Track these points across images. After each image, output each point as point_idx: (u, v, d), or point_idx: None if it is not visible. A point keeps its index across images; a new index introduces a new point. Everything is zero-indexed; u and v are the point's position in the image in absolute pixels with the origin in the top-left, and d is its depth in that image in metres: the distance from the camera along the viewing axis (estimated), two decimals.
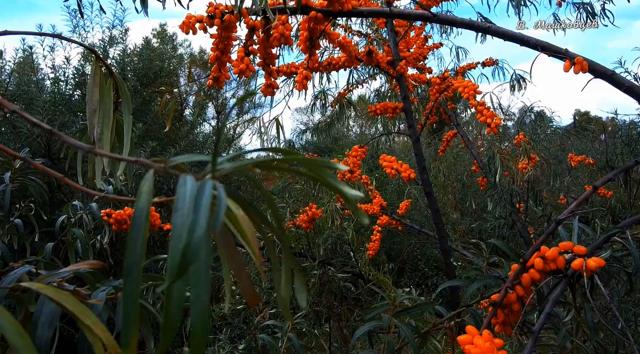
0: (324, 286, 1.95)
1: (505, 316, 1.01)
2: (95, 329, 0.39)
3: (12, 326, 0.32)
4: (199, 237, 0.26)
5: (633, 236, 0.96)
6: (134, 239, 0.28)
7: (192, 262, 0.26)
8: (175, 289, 0.26)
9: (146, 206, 0.30)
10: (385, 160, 1.93)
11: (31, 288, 0.43)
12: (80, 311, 0.40)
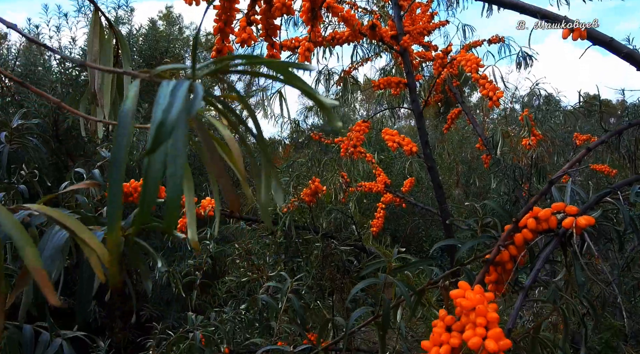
0: (326, 258, 1.99)
1: (498, 275, 1.04)
2: (90, 243, 0.42)
3: (20, 232, 0.35)
4: (173, 116, 0.29)
5: (624, 196, 0.98)
6: (120, 136, 0.31)
7: (166, 139, 0.29)
8: (153, 166, 0.29)
9: (131, 107, 0.32)
10: (387, 133, 1.95)
11: (32, 209, 0.46)
12: (77, 227, 0.43)
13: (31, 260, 0.34)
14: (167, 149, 0.29)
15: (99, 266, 0.42)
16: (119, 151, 0.31)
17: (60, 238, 0.54)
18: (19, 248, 0.35)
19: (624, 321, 2.33)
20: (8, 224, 0.35)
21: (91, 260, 0.41)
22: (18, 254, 0.38)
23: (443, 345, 0.87)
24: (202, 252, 2.32)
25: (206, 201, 2.01)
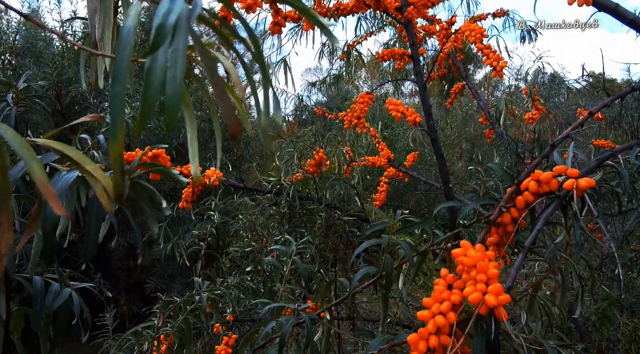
0: (329, 228, 2.01)
1: (500, 238, 1.06)
2: (95, 174, 0.43)
3: (26, 150, 0.37)
4: (173, 18, 0.31)
5: (625, 160, 1.00)
6: (121, 50, 0.33)
7: (166, 40, 0.30)
8: (154, 68, 0.31)
9: (132, 26, 0.34)
10: (391, 103, 1.96)
11: (38, 142, 0.48)
12: (82, 159, 0.44)
13: (37, 174, 0.36)
14: (168, 54, 0.30)
15: (103, 195, 0.44)
16: (120, 65, 0.32)
17: (68, 178, 0.56)
18: (26, 164, 0.36)
19: (621, 292, 2.37)
20: (16, 142, 0.37)
21: (96, 189, 0.43)
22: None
23: (444, 302, 0.89)
24: (207, 223, 2.35)
25: (210, 171, 2.03)
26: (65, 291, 0.75)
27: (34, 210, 0.63)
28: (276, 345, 0.94)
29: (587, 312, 2.51)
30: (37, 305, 0.74)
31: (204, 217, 2.32)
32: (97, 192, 0.43)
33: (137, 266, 5.40)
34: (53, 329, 0.76)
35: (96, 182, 0.43)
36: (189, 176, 2.01)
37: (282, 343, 0.92)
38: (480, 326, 0.89)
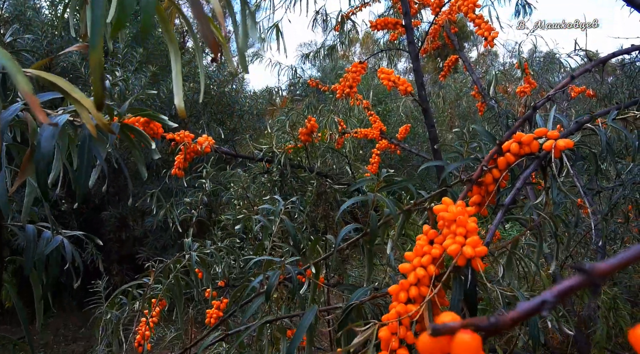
0: (320, 196, 2.05)
1: (482, 198, 1.10)
2: (82, 101, 0.45)
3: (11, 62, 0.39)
4: None
5: (603, 123, 1.02)
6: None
7: None
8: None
9: None
10: (383, 72, 1.97)
11: (27, 71, 0.49)
12: (69, 87, 0.46)
13: (22, 85, 0.38)
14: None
15: (90, 121, 0.46)
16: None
17: (59, 120, 0.58)
18: (11, 76, 0.38)
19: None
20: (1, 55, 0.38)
21: (82, 116, 0.45)
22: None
23: (425, 255, 0.93)
24: (198, 191, 2.37)
25: (202, 138, 2.04)
26: (57, 238, 0.78)
27: (26, 154, 0.65)
28: (263, 296, 0.98)
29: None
30: (30, 251, 0.76)
31: (196, 185, 2.34)
32: (83, 118, 0.45)
33: (129, 237, 5.44)
34: (45, 274, 0.78)
35: (82, 109, 0.45)
36: (179, 142, 2.03)
37: (269, 294, 0.96)
38: (459, 278, 0.93)
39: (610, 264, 0.33)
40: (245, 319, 1.00)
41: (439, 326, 0.34)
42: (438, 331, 0.34)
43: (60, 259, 0.79)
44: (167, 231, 4.97)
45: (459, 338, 0.33)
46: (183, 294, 1.29)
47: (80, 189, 0.63)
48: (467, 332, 0.33)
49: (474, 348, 0.32)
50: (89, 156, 0.62)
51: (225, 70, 6.22)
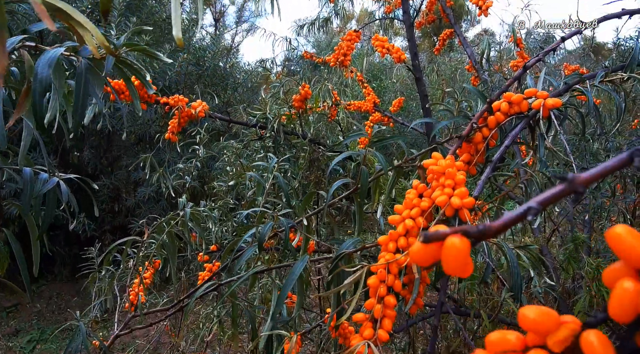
0: (312, 162, 2.06)
1: (471, 156, 1.12)
2: (85, 25, 0.46)
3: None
4: None
5: (591, 85, 1.04)
6: None
7: None
8: None
9: None
10: (377, 39, 1.97)
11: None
12: (72, 11, 0.47)
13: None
14: None
15: (92, 42, 0.46)
16: None
17: (54, 53, 0.59)
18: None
19: (590, 235, 2.48)
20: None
21: (86, 39, 0.46)
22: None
23: (414, 208, 0.95)
24: (192, 157, 2.38)
25: (197, 103, 2.04)
26: (53, 179, 0.79)
27: (23, 90, 0.66)
28: (255, 246, 1.00)
29: (557, 253, 2.63)
30: (27, 192, 0.78)
31: (190, 150, 2.35)
32: (86, 39, 0.46)
33: (122, 209, 5.44)
34: (41, 215, 0.80)
35: (85, 32, 0.46)
36: (173, 106, 2.03)
37: (261, 244, 0.98)
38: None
39: (592, 173, 0.35)
40: (237, 268, 1.03)
41: (430, 233, 0.36)
42: (429, 238, 0.36)
43: (56, 199, 0.80)
44: (159, 203, 4.98)
45: (449, 241, 0.34)
46: (177, 252, 1.31)
47: (76, 119, 0.64)
48: (456, 236, 0.35)
49: (463, 251, 0.34)
50: (85, 87, 0.63)
51: (220, 44, 6.16)
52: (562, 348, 0.33)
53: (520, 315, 0.35)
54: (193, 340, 3.22)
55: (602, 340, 0.31)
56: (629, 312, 0.29)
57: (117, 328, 1.34)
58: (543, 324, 0.34)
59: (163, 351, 3.78)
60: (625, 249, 0.30)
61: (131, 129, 5.41)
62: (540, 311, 0.34)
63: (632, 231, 0.30)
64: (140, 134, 5.22)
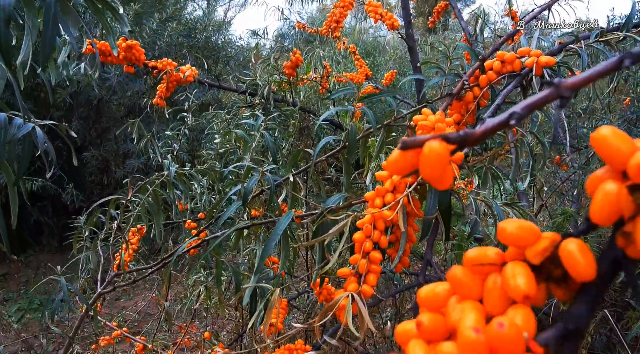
0: (302, 130, 2.04)
1: (461, 117, 1.10)
2: None
3: None
4: None
5: (586, 44, 1.02)
6: None
7: None
8: None
9: None
10: (370, 5, 1.93)
11: None
12: None
13: None
14: None
15: None
16: None
17: None
18: None
19: (578, 210, 2.49)
20: None
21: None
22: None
23: None
24: (180, 124, 2.35)
25: (186, 67, 2.00)
26: (28, 125, 0.77)
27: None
28: (240, 201, 0.98)
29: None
30: (1, 137, 0.75)
31: (177, 118, 2.31)
32: None
33: (110, 182, 5.40)
34: (17, 162, 0.77)
35: None
36: (162, 70, 1.99)
37: (246, 199, 0.97)
38: (434, 187, 0.94)
39: (579, 78, 0.33)
40: (221, 223, 1.01)
41: (408, 139, 0.34)
42: (407, 145, 0.34)
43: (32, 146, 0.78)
44: (147, 175, 4.94)
45: (427, 145, 0.33)
46: (161, 211, 1.29)
47: (45, 51, 0.62)
48: (436, 139, 0.33)
49: (442, 155, 0.33)
50: (54, 21, 0.60)
51: (212, 15, 6.06)
52: (541, 259, 0.32)
53: (499, 229, 0.34)
54: (181, 309, 3.23)
55: (582, 248, 0.30)
56: (611, 214, 0.28)
57: (99, 286, 1.33)
58: (522, 238, 0.33)
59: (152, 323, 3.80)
60: (610, 151, 0.28)
61: (120, 100, 5.34)
62: (520, 224, 0.33)
63: (617, 131, 0.28)
64: (130, 105, 5.15)
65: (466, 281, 0.34)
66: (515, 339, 0.28)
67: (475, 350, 0.28)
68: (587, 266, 0.30)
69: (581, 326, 0.31)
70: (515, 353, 0.28)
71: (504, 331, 0.27)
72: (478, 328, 0.28)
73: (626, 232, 0.28)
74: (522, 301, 0.31)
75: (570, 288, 0.32)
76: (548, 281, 0.33)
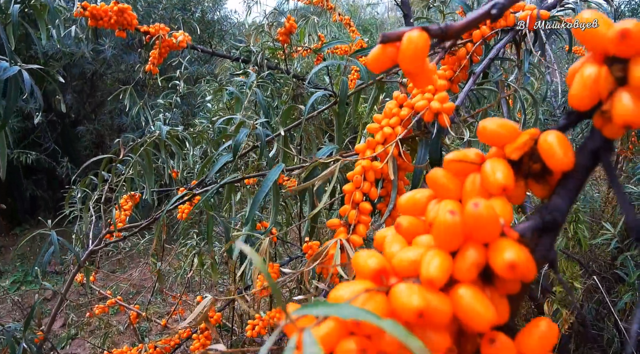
0: (296, 98, 2.03)
1: (454, 73, 1.10)
2: None
3: None
4: None
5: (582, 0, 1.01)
6: None
7: None
8: None
9: None
10: None
11: None
12: None
13: None
14: None
15: None
16: None
17: None
18: None
19: None
20: None
21: None
22: None
23: (394, 117, 0.93)
24: (173, 92, 2.33)
25: (179, 33, 1.98)
26: (14, 67, 0.75)
27: None
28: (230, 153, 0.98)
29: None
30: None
31: (169, 86, 2.29)
32: None
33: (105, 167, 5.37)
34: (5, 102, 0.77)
35: None
36: (154, 35, 1.96)
37: (236, 150, 0.96)
38: (424, 140, 0.94)
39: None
40: (211, 174, 1.01)
41: (388, 32, 0.34)
42: (387, 37, 0.34)
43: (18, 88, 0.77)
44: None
45: (407, 36, 0.33)
46: (153, 171, 1.29)
47: None
48: (415, 29, 0.33)
49: (422, 46, 0.32)
50: None
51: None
52: (520, 153, 0.31)
53: (480, 128, 0.34)
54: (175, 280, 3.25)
55: (560, 139, 0.30)
56: (591, 96, 0.28)
57: (91, 244, 1.33)
58: (503, 135, 0.33)
59: (146, 295, 3.82)
60: (591, 34, 0.28)
61: (115, 75, 5.29)
62: (501, 121, 0.33)
63: (600, 15, 0.28)
64: (124, 80, 5.10)
65: (446, 183, 0.34)
66: (490, 219, 0.27)
67: (452, 233, 0.28)
68: (565, 156, 0.29)
69: (558, 218, 0.31)
70: (489, 235, 0.28)
71: (479, 210, 0.27)
72: (454, 210, 0.28)
73: (604, 111, 0.27)
74: (500, 193, 0.31)
75: (549, 183, 0.32)
76: (527, 178, 0.33)
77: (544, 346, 0.29)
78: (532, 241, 0.31)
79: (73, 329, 3.56)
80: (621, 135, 0.29)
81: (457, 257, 0.29)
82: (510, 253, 0.27)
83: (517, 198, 0.33)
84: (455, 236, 0.28)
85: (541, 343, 0.29)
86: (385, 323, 0.24)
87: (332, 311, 0.25)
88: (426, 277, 0.28)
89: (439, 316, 0.27)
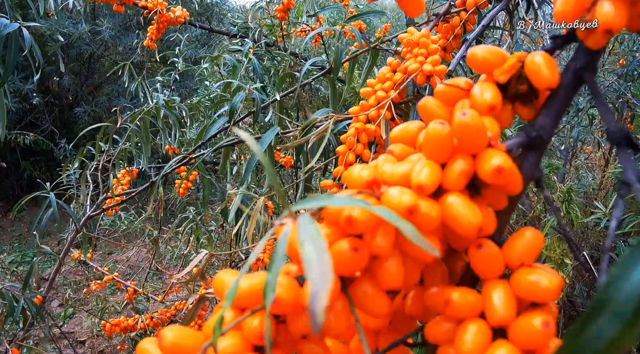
0: (293, 76, 2.03)
1: (447, 42, 1.11)
2: None
3: None
4: None
5: None
6: None
7: None
8: None
9: None
10: None
11: None
12: None
13: None
14: None
15: None
16: None
17: None
18: None
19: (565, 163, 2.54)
20: None
21: None
22: None
23: (387, 81, 0.95)
24: (171, 69, 2.33)
25: (177, 8, 1.98)
26: (14, 24, 0.76)
27: None
28: (226, 117, 0.99)
29: None
30: None
31: (168, 62, 2.30)
32: None
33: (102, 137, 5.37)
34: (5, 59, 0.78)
35: None
36: (152, 10, 1.96)
37: (232, 113, 0.98)
38: (416, 104, 0.96)
39: None
40: (207, 138, 1.03)
41: None
42: None
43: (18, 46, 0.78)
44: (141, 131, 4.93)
45: None
46: (149, 140, 1.30)
47: None
48: None
49: None
50: None
51: None
52: (508, 76, 0.33)
53: (469, 55, 0.35)
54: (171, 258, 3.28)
55: (547, 59, 0.32)
56: (573, 11, 0.29)
57: (89, 210, 1.35)
58: (492, 61, 0.34)
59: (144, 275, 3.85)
60: None
61: (113, 57, 5.27)
62: (489, 48, 0.34)
63: None
64: (122, 61, 5.09)
65: (436, 110, 0.35)
66: (478, 128, 0.29)
67: (441, 143, 0.30)
68: (551, 74, 0.31)
69: (544, 135, 0.33)
70: (477, 145, 0.30)
71: (467, 118, 0.29)
72: (444, 121, 0.30)
73: (587, 22, 0.29)
74: (488, 112, 0.32)
75: (535, 106, 0.34)
76: (514, 102, 0.34)
77: (530, 253, 0.31)
78: (519, 157, 0.32)
79: (70, 308, 3.59)
80: (604, 44, 0.30)
81: (447, 168, 0.30)
82: (497, 159, 0.29)
83: (505, 121, 0.34)
84: (444, 147, 0.30)
85: (527, 250, 0.31)
86: (378, 209, 0.26)
87: (325, 202, 0.27)
88: (416, 183, 0.29)
89: (429, 221, 0.29)
